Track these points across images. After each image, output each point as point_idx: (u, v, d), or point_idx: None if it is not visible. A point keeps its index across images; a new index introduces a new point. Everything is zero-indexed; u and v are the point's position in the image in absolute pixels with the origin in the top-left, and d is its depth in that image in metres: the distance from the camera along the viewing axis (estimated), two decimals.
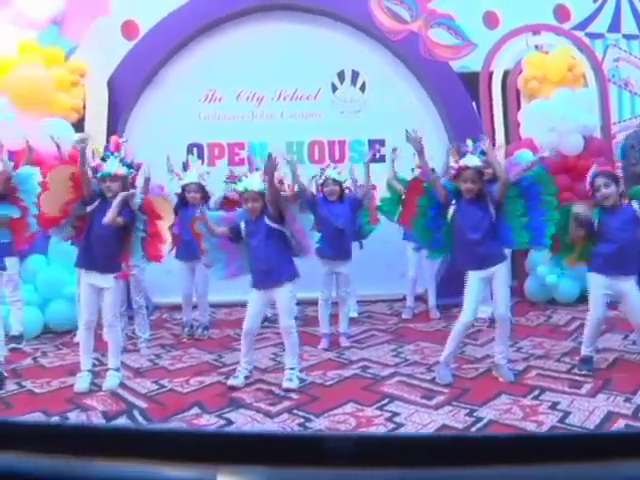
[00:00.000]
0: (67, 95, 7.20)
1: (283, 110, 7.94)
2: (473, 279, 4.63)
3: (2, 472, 0.91)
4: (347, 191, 6.01)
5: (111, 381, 4.86)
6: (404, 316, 6.94)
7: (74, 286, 5.89)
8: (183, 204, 6.05)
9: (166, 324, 6.96)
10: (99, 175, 4.73)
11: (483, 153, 4.64)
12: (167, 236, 5.01)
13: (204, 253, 4.90)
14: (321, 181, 5.88)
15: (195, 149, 7.76)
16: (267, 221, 4.67)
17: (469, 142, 4.73)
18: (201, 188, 6.08)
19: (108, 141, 6.48)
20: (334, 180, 5.84)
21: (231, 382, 4.77)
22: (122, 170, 4.75)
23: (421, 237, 4.90)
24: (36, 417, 4.22)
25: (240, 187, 4.70)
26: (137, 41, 7.74)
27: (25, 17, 7.53)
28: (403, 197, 6.51)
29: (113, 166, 4.73)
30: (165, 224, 4.97)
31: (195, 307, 6.45)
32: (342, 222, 5.66)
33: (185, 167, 6.32)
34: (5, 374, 5.05)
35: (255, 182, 4.66)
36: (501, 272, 4.65)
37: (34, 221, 4.95)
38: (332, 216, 5.66)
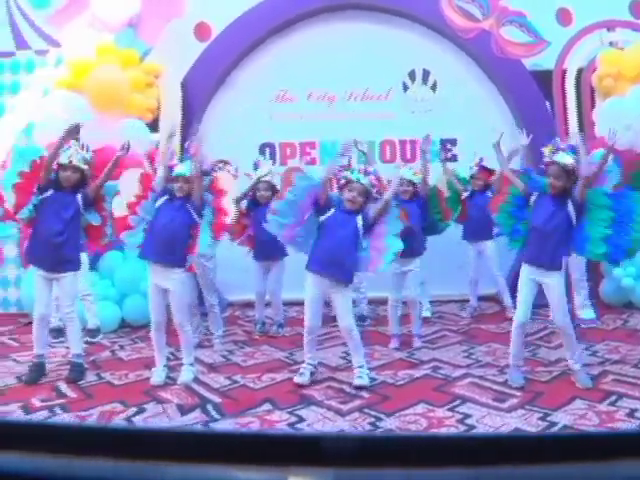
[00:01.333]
0: (142, 96, 7.42)
1: (354, 110, 7.98)
2: (525, 279, 4.61)
3: (3, 472, 0.91)
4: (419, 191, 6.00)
5: (186, 375, 5.01)
6: (464, 315, 6.98)
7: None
8: (255, 204, 6.16)
9: (239, 321, 7.10)
10: (174, 174, 4.88)
11: (574, 151, 4.59)
12: (231, 209, 5.13)
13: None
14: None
15: (267, 149, 7.93)
16: (358, 221, 4.73)
17: (557, 140, 4.74)
18: (271, 186, 6.18)
19: (183, 141, 6.70)
20: (409, 181, 5.86)
21: (297, 379, 4.85)
22: (196, 174, 4.90)
23: (504, 223, 4.88)
24: (115, 407, 4.40)
25: (348, 176, 4.77)
26: (210, 43, 7.92)
27: (102, 20, 7.79)
28: (462, 197, 6.54)
29: (189, 169, 4.89)
30: (228, 199, 5.10)
31: (268, 305, 6.57)
32: (412, 221, 5.67)
33: (256, 167, 6.44)
34: (85, 365, 5.27)
35: (361, 176, 4.74)
36: (554, 281, 4.56)
37: (110, 230, 5.16)
38: None
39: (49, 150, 5.21)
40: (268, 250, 6.07)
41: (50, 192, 4.96)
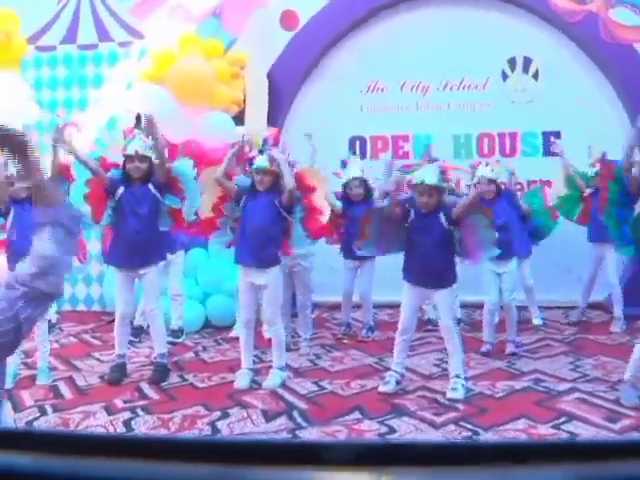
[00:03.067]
0: (228, 88, 7.50)
1: (450, 100, 7.85)
2: None
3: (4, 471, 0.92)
4: (502, 187, 5.83)
5: (274, 380, 5.00)
6: (570, 319, 6.79)
7: (234, 281, 6.12)
8: (347, 201, 6.12)
9: (326, 323, 7.09)
10: (254, 167, 4.91)
11: None
12: (325, 207, 5.08)
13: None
14: (475, 181, 5.69)
15: (357, 142, 7.90)
16: (442, 220, 4.64)
17: None
18: (363, 182, 6.14)
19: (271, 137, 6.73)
20: (489, 180, 5.70)
21: (382, 388, 4.81)
22: (276, 167, 4.90)
23: (611, 227, 4.72)
24: (198, 410, 4.45)
25: (416, 178, 4.70)
26: (297, 32, 7.94)
27: (185, 10, 7.93)
28: (584, 195, 6.31)
29: (268, 161, 4.89)
30: (321, 195, 5.05)
31: (358, 307, 6.55)
32: (503, 220, 5.48)
33: (344, 166, 6.41)
34: (169, 366, 5.36)
35: (431, 174, 4.63)
36: None
37: (191, 210, 5.20)
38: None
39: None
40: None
41: (121, 189, 5.03)
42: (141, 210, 5.03)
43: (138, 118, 5.13)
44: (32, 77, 8.00)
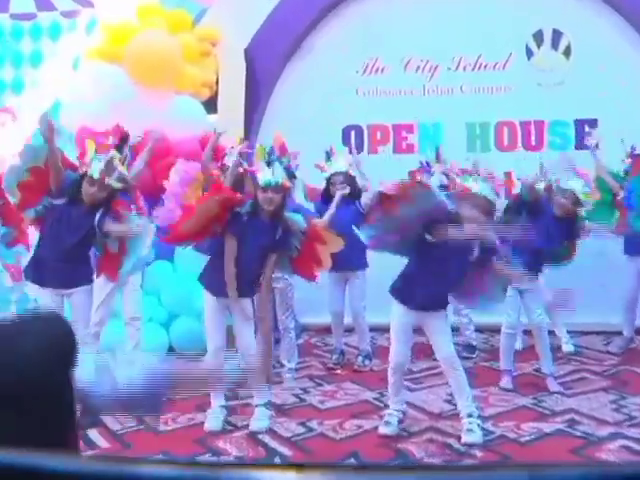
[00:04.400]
0: (196, 68, 7.50)
1: (463, 82, 7.85)
2: None
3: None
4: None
5: (261, 421, 4.99)
6: (611, 347, 6.80)
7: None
8: (328, 199, 6.03)
9: (315, 350, 7.06)
10: (261, 184, 4.89)
11: None
12: (326, 260, 5.11)
13: None
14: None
15: (352, 133, 7.89)
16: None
17: None
18: (349, 179, 6.12)
19: (248, 132, 6.74)
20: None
21: (382, 430, 4.82)
22: (288, 181, 4.93)
23: None
24: (158, 459, 4.40)
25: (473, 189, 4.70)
26: (280, 1, 7.91)
27: None
28: (618, 198, 6.32)
29: (279, 175, 4.89)
30: (328, 251, 5.09)
31: (352, 330, 6.56)
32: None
33: (329, 156, 6.38)
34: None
35: (489, 190, 4.66)
36: None
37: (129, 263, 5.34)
38: None
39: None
40: (345, 257, 6.06)
41: (62, 200, 5.07)
42: (74, 234, 5.08)
43: (124, 138, 5.19)
44: None
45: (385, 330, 6.83)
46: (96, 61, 7.22)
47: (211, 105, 7.52)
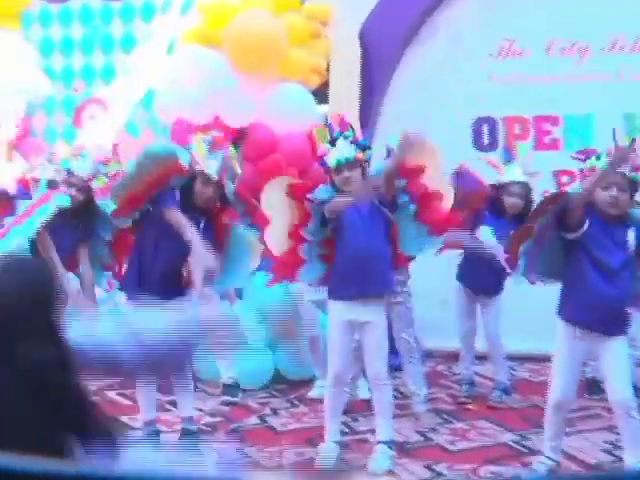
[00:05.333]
0: (305, 51, 7.50)
1: (620, 66, 7.57)
2: None
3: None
4: None
5: (381, 461, 4.93)
6: None
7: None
8: (495, 207, 6.06)
9: (442, 380, 6.97)
10: (333, 165, 4.93)
11: None
12: (446, 189, 5.15)
13: None
14: None
15: (485, 126, 7.77)
16: (630, 237, 4.55)
17: None
18: (526, 192, 5.98)
19: (363, 125, 6.69)
20: None
21: None
22: (361, 153, 4.93)
23: None
24: None
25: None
26: None
27: None
28: None
29: (348, 149, 4.91)
30: (435, 174, 5.09)
31: (484, 358, 6.49)
32: None
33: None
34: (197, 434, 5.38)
35: None
36: None
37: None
38: None
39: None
40: (482, 276, 6.04)
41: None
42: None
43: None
44: (38, 37, 8.14)
45: (526, 359, 6.82)
46: (193, 45, 7.27)
47: (321, 94, 7.51)
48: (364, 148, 5.00)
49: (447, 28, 7.89)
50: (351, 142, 4.93)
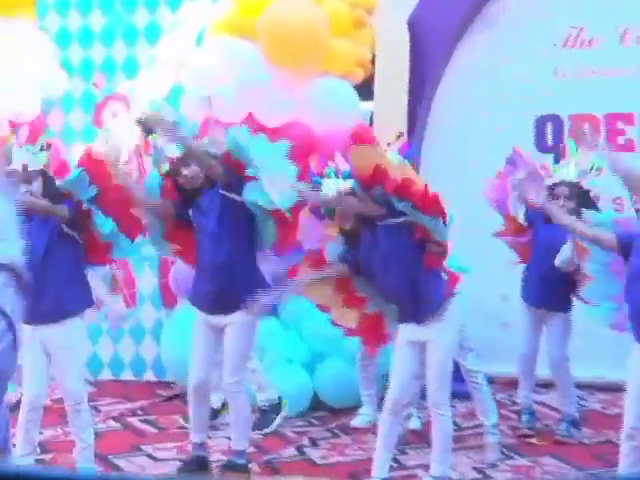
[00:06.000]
0: (348, 43, 7.42)
1: None
2: None
3: None
4: None
5: None
6: None
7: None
8: (537, 216, 6.00)
9: (502, 410, 6.75)
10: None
11: None
12: None
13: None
14: None
15: (549, 125, 7.67)
16: None
17: None
18: (579, 194, 5.92)
19: (411, 124, 6.65)
20: None
21: None
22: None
23: None
24: None
25: None
26: None
27: None
28: None
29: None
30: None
31: (548, 386, 6.45)
32: None
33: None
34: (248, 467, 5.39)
35: None
36: None
37: None
38: None
39: None
40: (547, 290, 6.01)
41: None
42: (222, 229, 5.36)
43: None
44: (54, 27, 8.14)
45: (598, 388, 6.76)
46: (224, 36, 7.25)
47: (365, 90, 7.44)
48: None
49: (505, 15, 7.83)
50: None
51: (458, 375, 5.89)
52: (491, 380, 6.98)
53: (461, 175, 7.28)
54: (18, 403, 6.41)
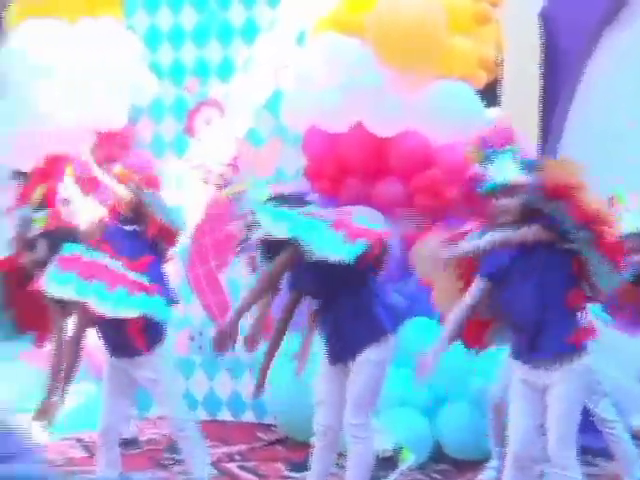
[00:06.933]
0: (469, 41, 7.41)
1: None
2: None
3: None
4: None
5: None
6: None
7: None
8: None
9: None
10: (485, 189, 4.89)
11: None
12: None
13: None
14: None
15: None
16: None
17: None
18: None
19: (545, 134, 6.60)
20: None
21: None
22: (522, 177, 4.84)
23: None
24: None
25: None
26: None
27: None
28: None
29: (506, 171, 4.84)
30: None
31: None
32: None
33: None
34: None
35: None
36: None
37: None
38: None
39: None
40: None
41: None
42: None
43: None
44: (143, 27, 8.30)
45: None
46: (328, 34, 7.29)
47: (491, 94, 7.42)
48: (532, 168, 4.91)
49: None
50: (514, 160, 4.89)
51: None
52: (636, 436, 6.92)
53: (605, 190, 7.22)
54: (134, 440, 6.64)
